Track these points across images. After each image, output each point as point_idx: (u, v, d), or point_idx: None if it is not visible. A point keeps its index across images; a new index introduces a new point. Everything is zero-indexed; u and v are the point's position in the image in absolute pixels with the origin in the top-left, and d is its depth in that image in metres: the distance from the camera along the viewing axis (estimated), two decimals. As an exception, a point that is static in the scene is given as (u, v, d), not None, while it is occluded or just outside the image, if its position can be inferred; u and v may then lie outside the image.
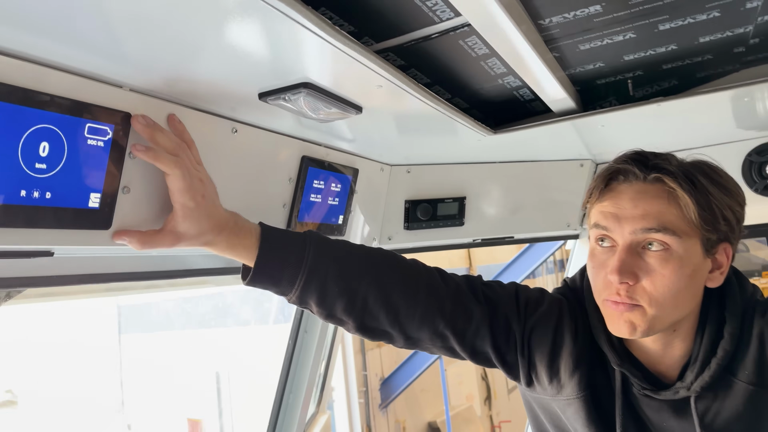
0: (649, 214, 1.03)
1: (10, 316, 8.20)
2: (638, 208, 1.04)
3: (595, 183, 1.12)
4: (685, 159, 1.10)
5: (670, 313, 1.05)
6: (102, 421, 7.71)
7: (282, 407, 2.05)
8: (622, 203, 1.06)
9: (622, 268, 1.02)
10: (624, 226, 1.04)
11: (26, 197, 0.81)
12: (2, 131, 0.77)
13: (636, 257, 1.03)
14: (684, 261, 1.03)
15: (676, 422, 1.13)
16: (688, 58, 1.31)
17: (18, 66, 0.77)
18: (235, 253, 1.09)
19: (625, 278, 1.02)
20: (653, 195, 1.04)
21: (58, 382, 8.35)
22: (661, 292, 1.02)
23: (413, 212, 1.86)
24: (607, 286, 1.06)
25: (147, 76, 0.92)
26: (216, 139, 1.15)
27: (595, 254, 1.11)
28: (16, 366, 8.67)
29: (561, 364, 1.20)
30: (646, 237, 1.03)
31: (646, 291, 1.03)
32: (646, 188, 1.06)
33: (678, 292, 1.03)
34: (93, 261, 1.15)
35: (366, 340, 5.37)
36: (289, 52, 0.89)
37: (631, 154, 1.10)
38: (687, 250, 1.03)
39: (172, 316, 7.68)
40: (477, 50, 1.12)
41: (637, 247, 1.04)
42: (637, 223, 1.03)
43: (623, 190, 1.07)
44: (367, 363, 5.36)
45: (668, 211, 1.03)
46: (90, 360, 8.15)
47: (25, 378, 8.67)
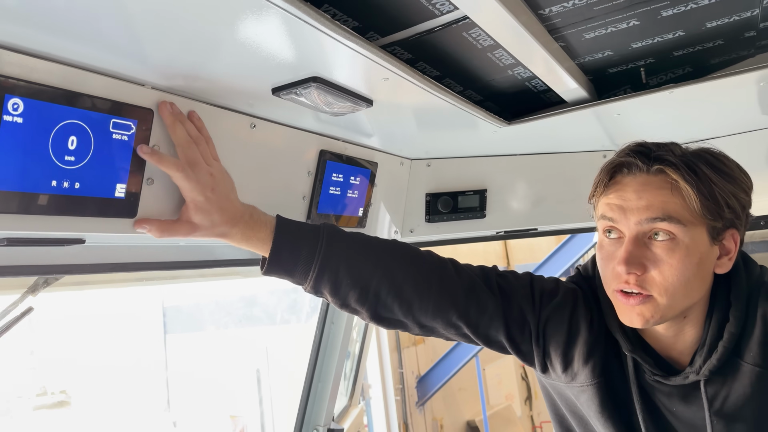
0: (653, 204, 1.05)
1: (63, 321, 8.55)
2: (642, 200, 1.06)
3: (599, 177, 1.15)
4: (690, 147, 1.12)
5: (681, 301, 1.07)
6: (149, 419, 7.96)
7: (311, 396, 2.12)
8: (627, 195, 1.08)
9: (629, 259, 1.04)
10: (629, 217, 1.07)
11: (57, 187, 0.89)
12: (34, 126, 0.85)
13: (643, 248, 1.05)
14: (690, 249, 1.05)
15: (686, 407, 1.15)
16: (699, 45, 1.31)
17: (46, 66, 0.85)
18: (250, 245, 1.15)
19: (633, 269, 1.04)
20: (657, 186, 1.07)
21: (109, 382, 8.65)
22: (671, 281, 1.04)
23: (434, 205, 1.90)
24: (616, 276, 1.08)
25: (167, 75, 0.99)
26: (236, 134, 1.22)
27: (604, 246, 1.13)
28: (69, 367, 9.03)
29: (575, 353, 1.22)
30: (652, 227, 1.05)
31: (655, 281, 1.05)
32: (650, 180, 1.08)
33: (687, 280, 1.05)
34: (123, 250, 1.23)
35: (401, 338, 5.42)
36: (295, 48, 0.94)
37: (634, 147, 1.12)
38: (693, 238, 1.05)
39: (214, 316, 7.88)
40: (482, 42, 1.16)
41: (643, 237, 1.06)
42: (642, 213, 1.05)
43: (627, 182, 1.10)
44: (403, 361, 5.40)
45: (672, 201, 1.05)
46: (137, 360, 8.43)
47: (78, 379, 9.02)
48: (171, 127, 1.02)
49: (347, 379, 2.81)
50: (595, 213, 1.18)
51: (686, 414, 1.15)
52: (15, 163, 0.83)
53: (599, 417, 1.20)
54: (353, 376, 2.79)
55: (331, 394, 2.13)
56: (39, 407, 8.87)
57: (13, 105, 0.82)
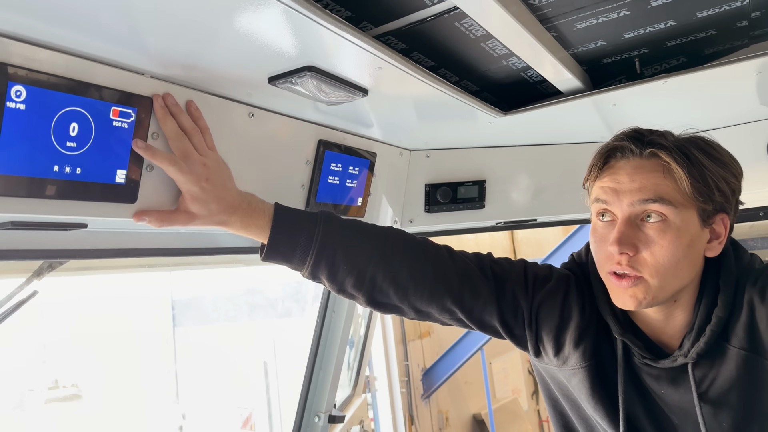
0: (645, 186, 1.08)
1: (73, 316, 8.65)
2: (635, 182, 1.09)
3: (594, 161, 1.17)
4: (682, 135, 1.14)
5: (672, 282, 1.09)
6: (159, 411, 8.04)
7: (312, 383, 2.16)
8: (620, 178, 1.11)
9: (621, 239, 1.07)
10: (622, 199, 1.09)
11: (59, 172, 0.92)
12: (36, 113, 0.88)
13: (635, 229, 1.08)
14: (681, 231, 1.07)
15: (674, 390, 1.17)
16: (692, 35, 1.33)
17: (48, 55, 0.88)
18: (249, 232, 1.18)
19: (625, 249, 1.07)
20: (649, 169, 1.09)
21: (119, 375, 8.75)
22: (661, 262, 1.07)
23: (433, 195, 1.93)
24: (609, 258, 1.11)
25: (166, 64, 1.02)
26: (234, 123, 1.25)
27: (597, 229, 1.16)
28: (80, 361, 9.13)
29: (567, 337, 1.25)
30: (644, 208, 1.07)
31: (647, 262, 1.07)
32: (643, 163, 1.10)
33: (678, 261, 1.07)
34: (125, 236, 1.27)
35: (406, 331, 5.45)
36: (289, 37, 0.97)
37: (628, 132, 1.15)
38: (684, 220, 1.07)
39: (222, 309, 7.94)
40: (474, 32, 1.18)
41: (635, 219, 1.09)
42: (634, 195, 1.08)
43: (621, 166, 1.13)
44: (409, 353, 5.44)
45: (664, 183, 1.08)
46: (147, 353, 8.51)
47: (89, 373, 9.12)
48: (162, 120, 1.05)
49: (351, 369, 2.84)
50: (589, 198, 1.21)
51: (674, 397, 1.17)
52: (18, 148, 0.87)
53: (590, 399, 1.23)
54: (357, 367, 2.82)
55: (333, 382, 2.17)
56: (51, 400, 8.98)
57: (16, 92, 0.85)
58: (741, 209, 2.19)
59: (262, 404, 5.97)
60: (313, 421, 2.17)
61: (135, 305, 8.59)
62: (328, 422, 2.19)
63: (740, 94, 1.65)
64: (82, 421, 8.74)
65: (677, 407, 1.17)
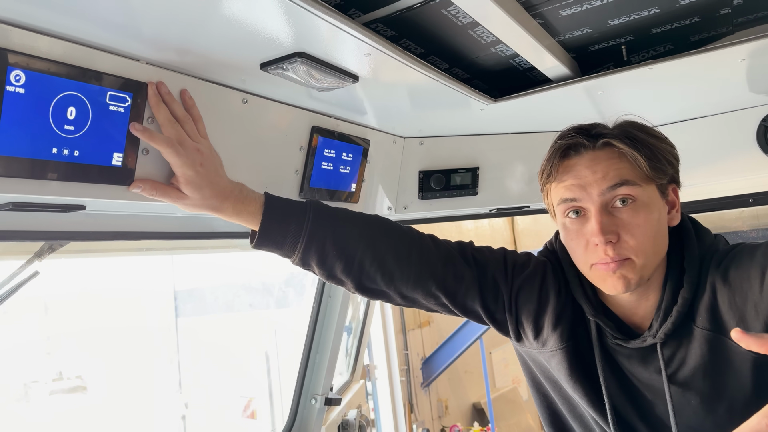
0: (608, 174, 1.14)
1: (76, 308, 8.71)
2: (598, 172, 1.14)
3: (549, 163, 1.22)
4: (614, 124, 1.21)
5: (653, 258, 1.15)
6: (162, 401, 8.11)
7: (309, 367, 2.20)
8: (581, 172, 1.16)
9: (603, 229, 1.11)
10: (591, 191, 1.14)
11: (57, 154, 0.96)
12: (35, 97, 0.92)
13: (610, 216, 1.13)
14: (650, 207, 1.14)
15: (644, 368, 1.22)
16: (676, 22, 1.35)
17: (46, 41, 0.92)
18: (241, 219, 1.22)
19: (609, 237, 1.11)
20: (605, 158, 1.15)
21: (122, 366, 8.82)
22: (642, 240, 1.12)
23: (427, 182, 1.96)
24: (593, 251, 1.15)
25: (160, 49, 1.05)
26: (229, 108, 1.28)
27: (568, 226, 1.20)
28: (84, 352, 9.21)
29: (545, 320, 1.30)
30: (614, 194, 1.13)
31: (629, 244, 1.12)
32: (597, 154, 1.16)
33: (654, 236, 1.13)
34: (123, 219, 1.30)
35: (406, 321, 5.49)
36: (279, 24, 1.00)
37: (573, 129, 1.21)
38: (649, 196, 1.14)
39: (223, 299, 8.00)
40: (461, 19, 1.21)
41: (607, 207, 1.14)
42: (601, 184, 1.13)
43: (577, 162, 1.18)
44: (409, 343, 5.49)
45: (623, 166, 1.14)
46: (150, 344, 8.58)
47: (93, 364, 9.20)
48: (155, 108, 1.09)
49: (349, 356, 2.89)
50: (547, 201, 1.26)
51: (644, 375, 1.22)
52: (18, 130, 0.90)
53: (569, 379, 1.28)
54: (355, 353, 2.87)
55: (329, 365, 2.21)
56: (55, 392, 9.06)
57: (15, 76, 0.88)
58: (732, 196, 2.23)
59: (264, 393, 6.03)
60: (310, 404, 2.22)
61: (137, 297, 8.66)
62: (325, 404, 2.24)
63: (727, 82, 1.68)
64: (86, 412, 8.82)
65: (648, 385, 1.22)
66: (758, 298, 1.07)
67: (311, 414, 2.24)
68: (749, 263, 1.11)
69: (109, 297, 8.74)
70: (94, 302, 8.86)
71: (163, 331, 8.29)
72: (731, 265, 1.13)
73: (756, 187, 2.08)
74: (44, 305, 8.82)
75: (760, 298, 1.07)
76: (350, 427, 2.42)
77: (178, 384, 8.04)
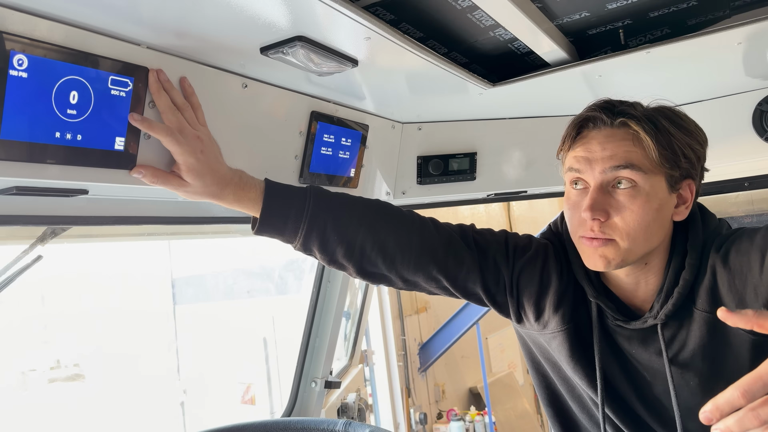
0: (616, 154, 1.14)
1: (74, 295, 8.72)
2: (606, 150, 1.15)
3: (567, 132, 1.25)
4: (651, 105, 1.21)
5: (641, 245, 1.15)
6: (160, 388, 8.16)
7: (308, 351, 2.23)
8: (592, 147, 1.17)
9: (594, 206, 1.13)
10: (594, 167, 1.15)
11: (60, 138, 0.97)
12: (38, 81, 0.92)
13: (607, 195, 1.14)
14: (650, 196, 1.13)
15: (644, 349, 1.23)
16: (673, 5, 1.36)
17: (48, 26, 0.92)
18: (242, 206, 1.23)
19: (597, 215, 1.13)
20: (619, 138, 1.16)
21: (120, 354, 8.85)
22: (632, 226, 1.13)
23: (425, 167, 1.97)
24: (582, 223, 1.17)
25: (160, 34, 1.05)
26: (228, 93, 1.29)
27: (570, 196, 1.22)
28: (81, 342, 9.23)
29: (547, 302, 1.31)
30: (615, 175, 1.13)
31: (618, 226, 1.13)
32: (613, 132, 1.17)
33: (647, 225, 1.14)
34: (125, 204, 1.31)
35: (403, 306, 5.53)
36: (278, 7, 1.00)
37: (600, 103, 1.22)
38: (653, 186, 1.14)
39: (221, 287, 8.02)
40: (460, 2, 1.21)
41: (607, 186, 1.15)
42: (605, 163, 1.14)
43: (593, 135, 1.19)
44: (406, 328, 5.53)
45: (633, 150, 1.14)
46: (147, 331, 8.61)
47: (90, 353, 9.22)
48: (156, 95, 1.09)
49: (347, 341, 2.91)
50: (562, 167, 1.28)
51: (644, 356, 1.24)
52: (21, 114, 0.91)
53: (569, 361, 1.29)
54: (353, 337, 2.89)
55: (329, 349, 2.23)
56: (53, 380, 9.09)
57: (18, 60, 0.89)
58: (727, 180, 2.25)
59: (262, 379, 6.07)
60: (310, 387, 2.25)
61: (134, 284, 8.67)
62: (325, 388, 2.26)
63: (724, 65, 1.69)
64: (84, 399, 8.86)
65: (648, 366, 1.24)
66: (758, 280, 1.09)
67: (311, 397, 2.26)
68: (749, 246, 1.12)
69: (106, 284, 8.75)
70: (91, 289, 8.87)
71: (161, 318, 8.32)
72: (731, 248, 1.15)
73: (751, 171, 2.09)
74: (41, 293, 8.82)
75: (760, 280, 1.08)
76: (350, 410, 2.45)
77: (177, 371, 8.08)
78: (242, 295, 7.71)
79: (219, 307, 8.05)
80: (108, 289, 8.87)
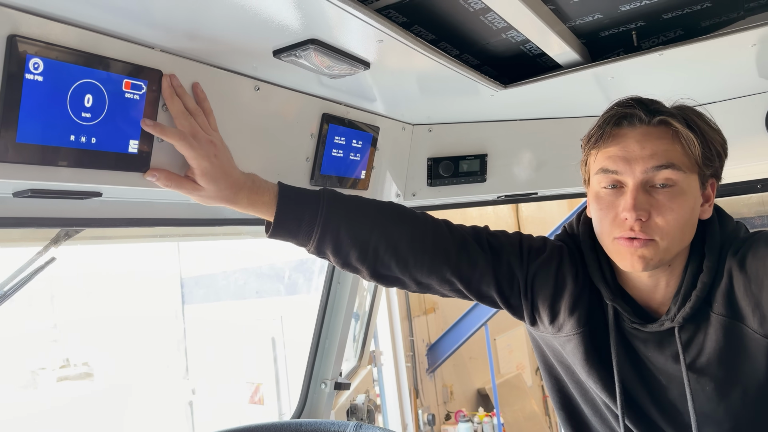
0: (656, 153, 1.11)
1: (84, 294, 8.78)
2: (646, 149, 1.12)
3: (601, 126, 1.19)
4: (674, 104, 1.19)
5: (678, 244, 1.14)
6: (169, 387, 8.19)
7: (318, 352, 2.23)
8: (630, 146, 1.14)
9: (637, 205, 1.10)
10: (634, 167, 1.12)
11: (75, 141, 0.97)
12: (53, 84, 0.93)
13: (647, 195, 1.12)
14: (688, 195, 1.12)
15: (660, 353, 1.22)
16: (687, 7, 1.35)
17: (63, 29, 0.93)
18: (255, 209, 1.22)
19: (641, 214, 1.10)
20: (658, 136, 1.13)
21: (129, 353, 8.90)
22: (672, 225, 1.11)
23: (435, 169, 1.96)
24: (620, 224, 1.14)
25: (174, 37, 1.06)
26: (241, 96, 1.29)
27: (602, 196, 1.18)
28: (91, 340, 9.29)
29: (562, 305, 1.30)
30: (657, 174, 1.11)
31: (658, 226, 1.11)
32: (650, 131, 1.14)
33: (684, 224, 1.12)
34: (138, 206, 1.32)
35: (411, 307, 5.52)
36: (292, 10, 1.00)
37: (632, 100, 1.18)
38: (690, 185, 1.12)
39: (230, 287, 8.04)
40: (473, 5, 1.21)
41: (646, 185, 1.12)
42: (647, 162, 1.11)
43: (628, 133, 1.15)
44: (414, 329, 5.52)
45: (673, 149, 1.12)
46: (157, 331, 8.65)
47: (100, 352, 9.29)
48: (168, 100, 1.09)
49: (356, 342, 2.91)
50: (588, 164, 1.24)
51: (659, 359, 1.22)
52: (37, 118, 0.91)
53: (584, 364, 1.27)
54: (362, 339, 2.89)
55: (338, 351, 2.24)
56: (63, 378, 9.16)
57: (34, 64, 0.89)
58: (739, 182, 2.23)
59: (270, 379, 6.08)
60: (320, 388, 2.25)
61: (145, 284, 8.71)
62: (334, 389, 2.26)
63: (737, 67, 1.67)
64: (93, 398, 8.91)
65: (663, 370, 1.22)
66: None
67: (321, 398, 2.27)
68: (766, 251, 1.11)
69: (116, 285, 8.80)
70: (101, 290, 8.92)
71: (171, 317, 8.35)
72: (748, 252, 1.14)
73: (764, 173, 2.08)
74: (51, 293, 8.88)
75: None
76: (359, 411, 2.45)
77: (186, 370, 8.11)
78: (251, 295, 7.73)
79: (228, 308, 8.07)
80: (117, 289, 8.92)
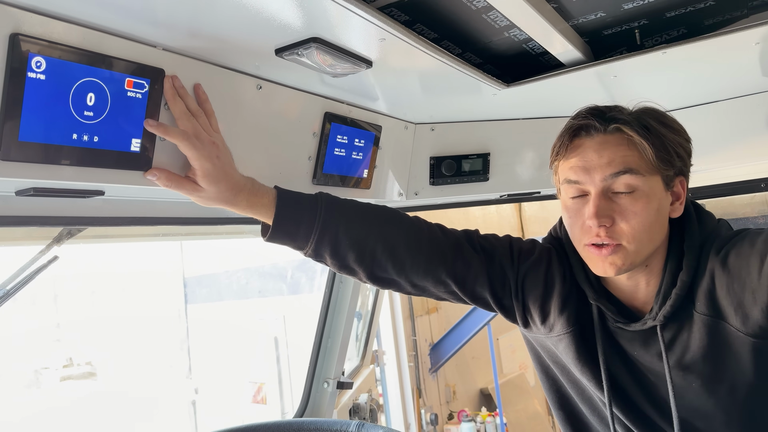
0: (614, 160, 1.15)
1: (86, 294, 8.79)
2: (603, 157, 1.16)
3: (559, 141, 1.24)
4: (633, 109, 1.22)
5: (646, 246, 1.17)
6: (172, 386, 8.20)
7: (321, 351, 2.23)
8: (588, 155, 1.18)
9: (599, 213, 1.14)
10: (594, 175, 1.16)
11: (77, 140, 0.97)
12: (55, 83, 0.93)
13: (609, 201, 1.15)
14: (650, 197, 1.15)
15: (645, 351, 1.24)
16: (690, 5, 1.35)
17: (66, 28, 0.93)
18: (254, 211, 1.24)
19: (603, 221, 1.14)
20: (614, 143, 1.17)
21: (132, 352, 8.92)
22: (637, 228, 1.14)
23: (438, 168, 1.96)
24: (587, 231, 1.18)
25: (176, 36, 1.06)
26: (242, 94, 1.29)
27: (569, 206, 1.23)
28: (94, 340, 9.31)
29: (552, 305, 1.33)
30: (616, 181, 1.14)
31: (623, 230, 1.15)
32: (607, 138, 1.18)
33: (650, 225, 1.15)
34: (140, 205, 1.32)
35: (414, 307, 5.52)
36: (294, 9, 1.00)
37: (589, 110, 1.22)
38: (651, 187, 1.15)
39: (232, 286, 8.05)
40: (475, 3, 1.20)
41: (608, 192, 1.16)
42: (605, 170, 1.15)
43: (586, 144, 1.19)
44: (417, 329, 5.52)
45: (630, 154, 1.15)
46: (159, 330, 8.66)
47: (103, 351, 9.31)
48: (171, 101, 1.10)
49: (359, 341, 2.91)
50: (555, 177, 1.28)
51: (645, 358, 1.24)
52: (39, 116, 0.91)
53: (576, 363, 1.30)
54: (365, 338, 2.89)
55: (341, 350, 2.24)
56: (66, 378, 9.18)
57: (36, 63, 0.89)
58: (743, 181, 2.23)
59: (273, 378, 6.09)
60: (323, 387, 2.25)
61: (147, 283, 8.73)
62: (337, 388, 2.26)
63: (741, 66, 1.67)
64: (96, 397, 8.93)
65: (650, 367, 1.25)
66: (756, 285, 1.09)
67: (324, 397, 2.27)
68: (749, 250, 1.12)
69: (119, 284, 8.82)
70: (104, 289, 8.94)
71: (173, 317, 8.37)
72: (731, 251, 1.15)
73: (767, 172, 2.07)
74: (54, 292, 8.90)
75: (758, 285, 1.08)
76: (361, 411, 2.45)
77: (188, 369, 8.12)
78: (254, 294, 7.74)
79: (231, 307, 8.08)
80: (120, 288, 8.94)
